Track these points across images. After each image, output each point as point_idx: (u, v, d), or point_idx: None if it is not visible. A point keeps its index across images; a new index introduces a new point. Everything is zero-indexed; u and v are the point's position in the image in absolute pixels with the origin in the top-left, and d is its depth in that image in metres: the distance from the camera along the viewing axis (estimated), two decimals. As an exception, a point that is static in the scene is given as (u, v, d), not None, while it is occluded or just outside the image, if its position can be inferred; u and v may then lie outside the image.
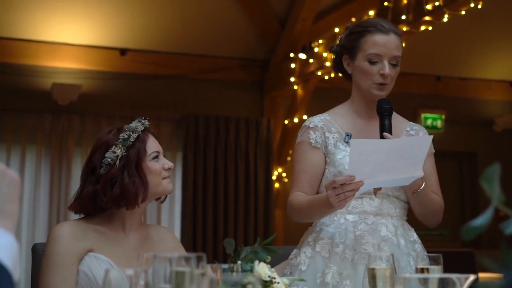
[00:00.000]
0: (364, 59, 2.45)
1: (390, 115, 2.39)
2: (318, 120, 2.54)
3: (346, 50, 2.53)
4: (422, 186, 2.39)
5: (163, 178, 2.31)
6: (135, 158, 2.25)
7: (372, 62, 2.44)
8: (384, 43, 2.44)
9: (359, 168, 2.15)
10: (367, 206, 2.43)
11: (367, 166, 2.16)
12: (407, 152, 2.22)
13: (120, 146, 2.25)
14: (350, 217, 2.43)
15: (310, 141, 2.50)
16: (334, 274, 2.35)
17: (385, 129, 2.36)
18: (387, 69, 2.42)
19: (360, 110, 2.54)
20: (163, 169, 2.31)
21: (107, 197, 2.21)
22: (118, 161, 2.23)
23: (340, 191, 2.15)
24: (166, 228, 2.53)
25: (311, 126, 2.52)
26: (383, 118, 2.38)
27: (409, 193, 2.42)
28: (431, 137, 2.33)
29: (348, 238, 2.39)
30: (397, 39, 2.47)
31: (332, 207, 2.22)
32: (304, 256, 2.43)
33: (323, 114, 2.57)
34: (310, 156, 2.49)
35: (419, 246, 2.47)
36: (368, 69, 2.44)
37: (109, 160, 2.23)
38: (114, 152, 2.24)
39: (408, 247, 2.43)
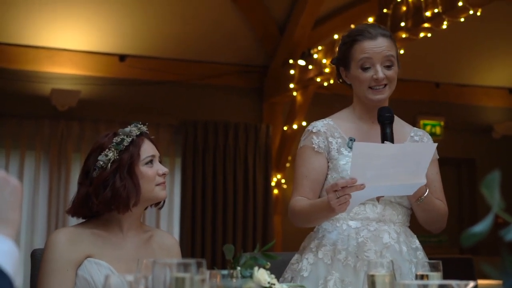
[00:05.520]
0: (357, 67, 2.44)
1: (391, 123, 2.37)
2: (321, 124, 2.51)
3: (340, 61, 2.53)
4: (426, 193, 2.36)
5: (158, 184, 2.30)
6: (127, 162, 2.24)
7: (364, 69, 2.42)
8: (372, 47, 2.42)
9: (361, 172, 2.12)
10: (370, 213, 2.40)
11: (370, 170, 2.13)
12: (411, 158, 2.18)
13: (113, 149, 2.25)
14: (352, 223, 2.41)
15: (313, 146, 2.47)
16: (336, 281, 2.32)
17: (387, 137, 2.33)
18: (380, 73, 2.40)
19: (363, 116, 2.51)
20: (157, 175, 2.30)
21: (99, 200, 2.21)
22: (110, 164, 2.23)
23: (341, 194, 2.12)
24: (174, 239, 2.46)
25: (314, 130, 2.50)
26: (384, 127, 2.35)
27: (413, 200, 2.39)
28: (435, 144, 2.28)
29: (350, 245, 2.37)
30: (386, 40, 2.44)
31: (333, 211, 2.19)
32: (306, 262, 2.41)
33: (326, 118, 2.55)
34: (313, 161, 2.46)
35: (421, 253, 2.45)
36: (361, 76, 2.43)
37: (101, 163, 2.24)
38: (107, 155, 2.24)
39: (410, 254, 2.41)
